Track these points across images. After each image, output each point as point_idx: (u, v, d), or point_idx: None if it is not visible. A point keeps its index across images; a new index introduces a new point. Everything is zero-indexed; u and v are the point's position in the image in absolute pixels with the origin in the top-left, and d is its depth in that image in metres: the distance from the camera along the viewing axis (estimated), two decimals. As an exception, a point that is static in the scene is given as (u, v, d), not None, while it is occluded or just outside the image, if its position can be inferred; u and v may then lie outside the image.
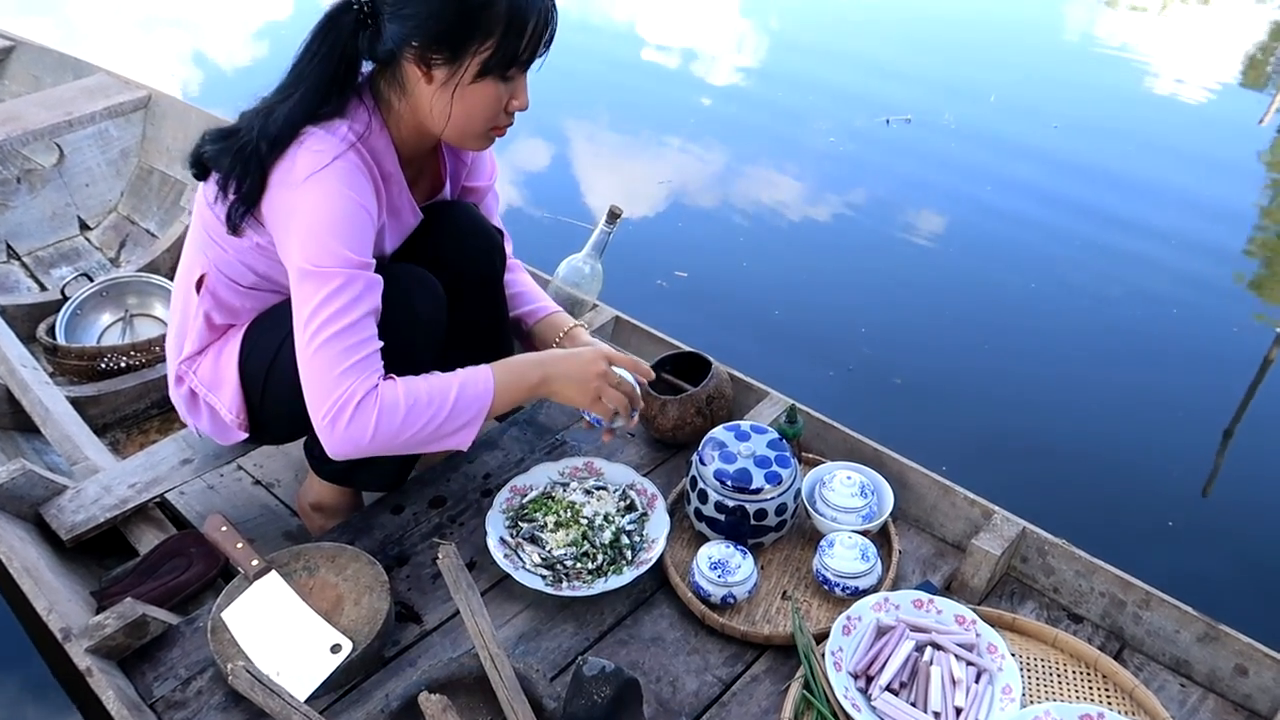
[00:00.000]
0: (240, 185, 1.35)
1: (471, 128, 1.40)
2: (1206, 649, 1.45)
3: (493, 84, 1.35)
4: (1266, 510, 2.25)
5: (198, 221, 1.49)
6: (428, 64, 1.33)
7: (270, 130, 1.31)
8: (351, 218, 1.32)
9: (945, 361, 2.76)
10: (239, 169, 1.34)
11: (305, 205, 1.31)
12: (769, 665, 1.47)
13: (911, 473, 1.72)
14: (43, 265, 2.82)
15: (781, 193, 3.80)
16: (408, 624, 1.52)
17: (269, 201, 1.34)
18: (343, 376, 1.30)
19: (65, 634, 1.41)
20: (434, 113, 1.38)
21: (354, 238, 1.32)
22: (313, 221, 1.30)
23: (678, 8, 6.49)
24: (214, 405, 1.57)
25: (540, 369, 1.45)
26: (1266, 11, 6.79)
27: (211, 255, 1.48)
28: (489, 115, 1.39)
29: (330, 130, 1.33)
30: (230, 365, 1.53)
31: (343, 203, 1.31)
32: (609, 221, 2.01)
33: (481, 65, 1.32)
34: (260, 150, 1.31)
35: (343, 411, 1.30)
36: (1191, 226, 3.55)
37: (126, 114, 3.01)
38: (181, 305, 1.58)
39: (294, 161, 1.31)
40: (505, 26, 1.30)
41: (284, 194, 1.32)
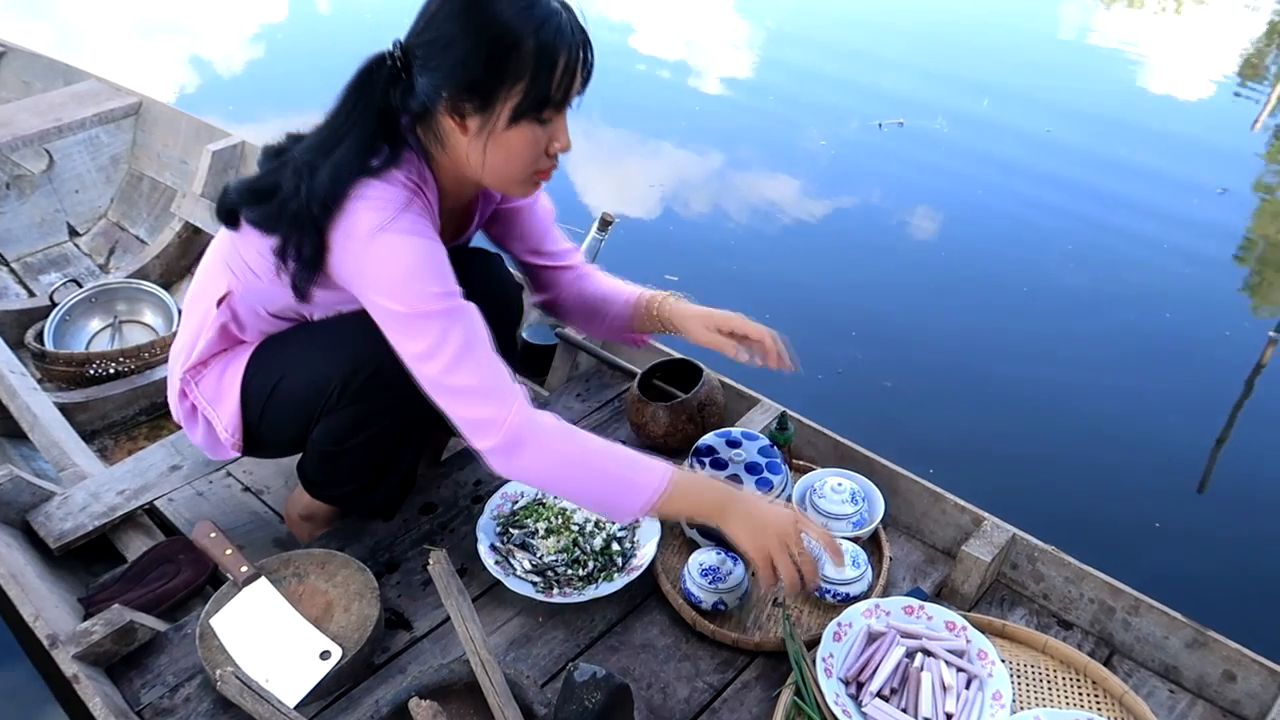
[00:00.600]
0: (300, 252, 1.31)
1: (512, 174, 1.37)
2: (1195, 655, 1.46)
3: (528, 128, 1.31)
4: (1255, 517, 2.26)
5: (233, 247, 1.45)
6: (461, 114, 1.30)
7: (319, 191, 1.27)
8: (430, 255, 1.30)
9: (936, 366, 2.78)
10: (295, 235, 1.31)
11: (378, 259, 1.28)
12: (760, 672, 1.47)
13: (902, 479, 1.72)
14: (31, 271, 2.81)
15: (772, 197, 3.82)
16: (398, 631, 1.51)
17: (337, 261, 1.31)
18: (501, 404, 1.29)
19: (52, 640, 1.40)
20: (473, 162, 1.35)
21: (439, 274, 1.31)
22: (393, 272, 1.28)
23: (669, 11, 6.52)
24: (211, 421, 1.55)
25: (727, 499, 1.33)
26: (1260, 14, 6.86)
27: (244, 279, 1.44)
28: (529, 160, 1.35)
29: (387, 182, 1.30)
30: (233, 383, 1.51)
31: (418, 244, 1.29)
32: (601, 229, 2.02)
33: (514, 110, 1.29)
34: (313, 213, 1.28)
35: (518, 438, 1.28)
36: (1184, 231, 3.58)
37: (117, 120, 3.00)
38: (196, 317, 1.53)
39: (355, 218, 1.27)
40: (534, 69, 1.26)
41: (352, 251, 1.29)
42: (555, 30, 1.27)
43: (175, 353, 1.60)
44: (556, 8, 1.29)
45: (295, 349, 1.49)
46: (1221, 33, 6.49)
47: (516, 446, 1.29)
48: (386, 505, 1.71)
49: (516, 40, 1.25)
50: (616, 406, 2.01)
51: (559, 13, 1.28)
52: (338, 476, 1.59)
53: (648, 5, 6.59)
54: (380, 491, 1.66)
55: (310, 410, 1.49)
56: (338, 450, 1.53)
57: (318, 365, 1.46)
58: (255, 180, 1.37)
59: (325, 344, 1.47)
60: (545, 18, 1.26)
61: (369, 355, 1.42)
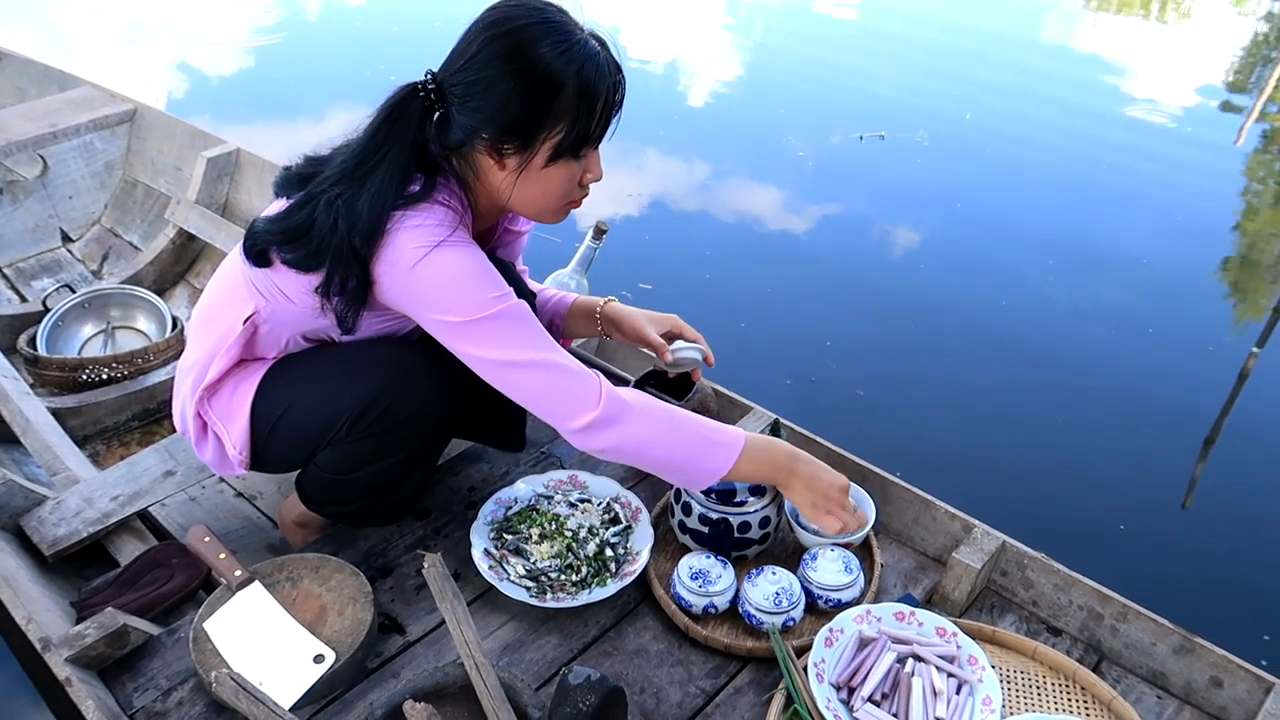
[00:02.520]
0: (345, 287, 1.32)
1: (548, 205, 1.40)
2: (1182, 661, 1.47)
3: (565, 165, 1.34)
4: (1241, 524, 2.29)
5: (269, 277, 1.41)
6: (500, 153, 1.32)
7: (359, 225, 1.28)
8: (480, 264, 1.33)
9: (920, 377, 2.80)
10: (339, 271, 1.31)
11: (431, 280, 1.29)
12: (752, 677, 1.48)
13: (893, 487, 1.73)
14: (24, 277, 2.81)
15: (750, 207, 3.85)
16: (391, 635, 1.51)
17: (383, 292, 1.32)
18: (584, 386, 1.33)
19: (45, 644, 1.40)
20: (506, 194, 1.38)
21: (493, 279, 1.33)
22: (449, 287, 1.29)
23: (651, 20, 6.56)
24: (221, 437, 1.54)
25: (789, 466, 1.47)
26: (1245, 29, 6.93)
27: (273, 301, 1.42)
28: (564, 193, 1.39)
29: (428, 213, 1.30)
30: (244, 402, 1.50)
31: (465, 257, 1.31)
32: (595, 237, 2.03)
33: (554, 150, 1.31)
34: (355, 246, 1.28)
35: (612, 412, 1.34)
36: (1166, 245, 3.62)
37: (111, 127, 3.01)
38: (212, 332, 1.51)
39: (400, 248, 1.28)
40: (576, 112, 1.29)
41: (401, 278, 1.30)
42: (595, 71, 1.29)
43: (185, 368, 1.58)
44: (595, 49, 1.30)
45: (311, 374, 1.49)
46: (1206, 45, 6.56)
47: (614, 419, 1.34)
48: (384, 523, 1.72)
49: (558, 85, 1.27)
50: (610, 414, 2.01)
51: (597, 53, 1.30)
52: (338, 499, 1.59)
53: (631, 13, 6.63)
54: (379, 514, 1.67)
55: (318, 438, 1.49)
56: (341, 479, 1.53)
57: (331, 395, 1.46)
58: (286, 218, 1.35)
59: (342, 374, 1.47)
60: (585, 59, 1.28)
61: (384, 392, 1.43)
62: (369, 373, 1.45)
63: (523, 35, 1.27)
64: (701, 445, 1.40)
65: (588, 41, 1.30)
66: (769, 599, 1.49)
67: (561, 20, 1.30)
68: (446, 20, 1.45)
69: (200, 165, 2.75)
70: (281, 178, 1.42)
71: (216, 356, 1.49)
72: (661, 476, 1.46)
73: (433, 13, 6.00)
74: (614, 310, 1.72)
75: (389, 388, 1.44)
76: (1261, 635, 1.93)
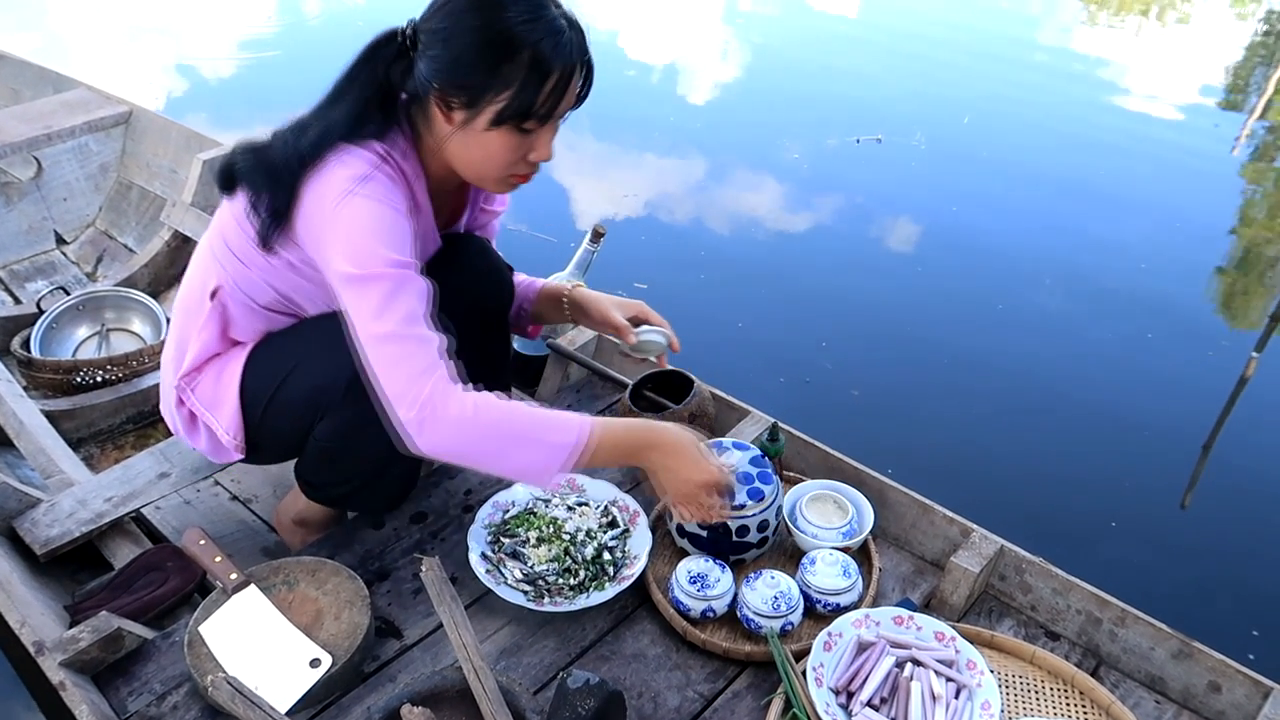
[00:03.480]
0: (273, 201, 1.34)
1: (488, 172, 1.40)
2: (1181, 666, 1.47)
3: (508, 133, 1.33)
4: (1239, 529, 2.29)
5: (219, 235, 1.47)
6: (448, 106, 1.33)
7: (303, 147, 1.31)
8: (392, 224, 1.31)
9: (913, 380, 2.80)
10: (271, 185, 1.33)
11: (344, 218, 1.29)
12: (751, 681, 1.47)
13: (891, 491, 1.73)
14: (18, 279, 2.79)
15: (745, 209, 3.84)
16: (388, 639, 1.51)
17: (304, 218, 1.33)
18: (421, 376, 1.28)
19: (38, 648, 1.39)
20: (451, 153, 1.38)
21: (397, 242, 1.31)
22: (353, 231, 1.29)
23: (650, 21, 6.57)
24: (212, 426, 1.54)
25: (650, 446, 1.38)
26: (1243, 33, 6.96)
27: (231, 269, 1.45)
28: (504, 163, 1.38)
29: (366, 149, 1.32)
30: (231, 386, 1.50)
31: (381, 211, 1.31)
32: (593, 240, 2.03)
33: (496, 115, 1.31)
34: (293, 167, 1.31)
35: (428, 414, 1.27)
36: (1164, 250, 3.62)
37: (107, 129, 3.00)
38: (186, 316, 1.54)
39: (329, 178, 1.30)
40: (523, 81, 1.29)
41: (320, 210, 1.31)
42: (554, 47, 1.29)
43: (166, 361, 1.59)
44: (563, 25, 1.30)
45: (299, 346, 1.49)
46: (1204, 48, 6.59)
47: (428, 420, 1.27)
48: (383, 504, 1.70)
49: (514, 48, 1.27)
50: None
51: (564, 30, 1.30)
52: (340, 475, 1.58)
53: (630, 15, 6.64)
54: (381, 491, 1.65)
55: (314, 408, 1.49)
56: (341, 447, 1.52)
57: (322, 363, 1.46)
58: (255, 141, 1.40)
59: (332, 341, 1.45)
60: (547, 33, 1.28)
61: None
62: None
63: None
64: (533, 449, 1.31)
65: (558, 18, 1.30)
66: (767, 603, 1.49)
67: None
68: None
69: (196, 168, 2.74)
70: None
71: (191, 340, 1.51)
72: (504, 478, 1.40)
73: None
74: (581, 295, 1.73)
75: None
76: (1260, 640, 1.93)
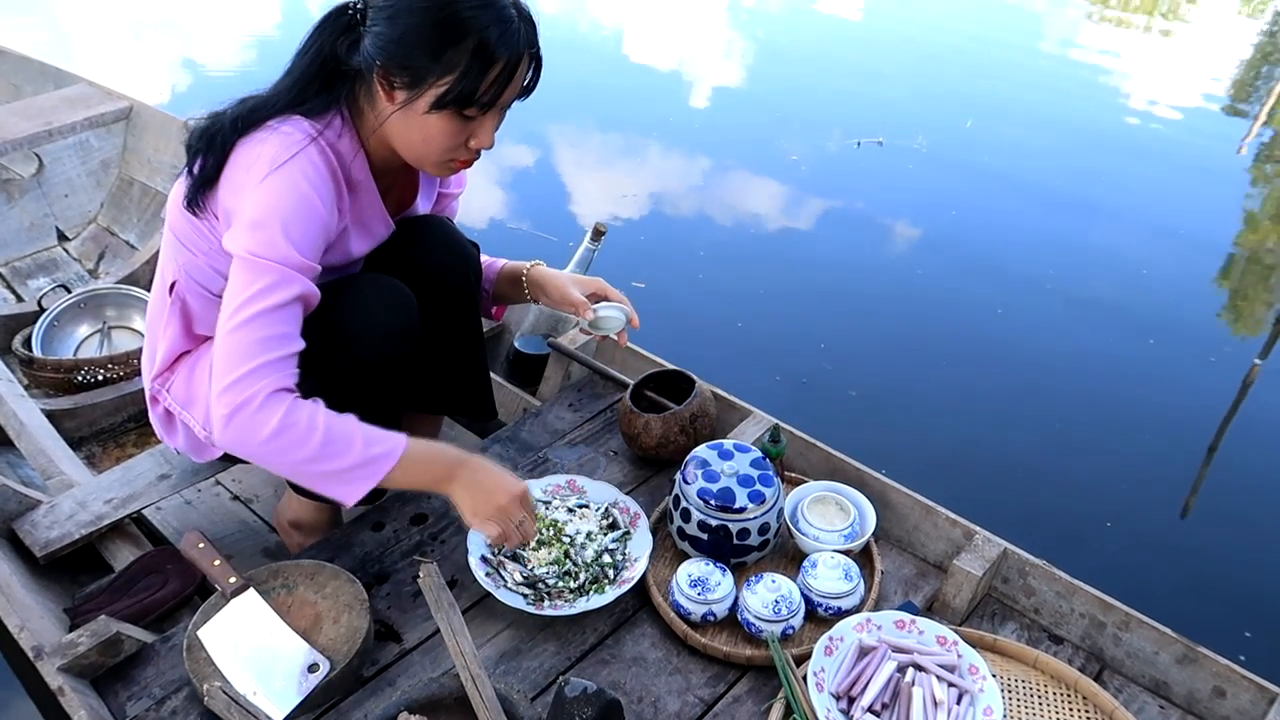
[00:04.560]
0: (204, 164, 1.35)
1: (427, 155, 1.39)
2: (1185, 671, 1.46)
3: (449, 118, 1.32)
4: (1244, 533, 2.27)
5: (168, 226, 1.48)
6: (390, 84, 1.32)
7: (241, 115, 1.33)
8: (303, 215, 1.30)
9: (916, 382, 2.78)
10: (205, 149, 1.35)
11: (263, 192, 1.28)
12: (751, 686, 1.47)
13: (894, 493, 1.72)
14: (20, 276, 2.79)
15: (744, 210, 3.82)
16: (387, 643, 1.50)
17: (227, 182, 1.33)
18: (256, 372, 1.25)
19: (37, 652, 1.38)
20: (390, 131, 1.38)
21: (302, 237, 1.29)
22: (263, 212, 1.28)
23: (650, 21, 6.53)
24: (189, 423, 1.54)
25: (453, 470, 1.38)
26: (1248, 35, 6.90)
27: (181, 260, 1.47)
28: (444, 147, 1.37)
29: (296, 125, 1.33)
30: (203, 381, 1.50)
31: (296, 199, 1.29)
32: (593, 239, 2.02)
33: (437, 99, 1.30)
34: (225, 132, 1.33)
35: (246, 406, 1.24)
36: (1167, 254, 3.59)
37: (108, 125, 2.99)
38: (153, 315, 1.57)
39: (258, 149, 1.30)
40: (466, 67, 1.28)
41: (243, 177, 1.31)
42: (501, 34, 1.28)
43: (144, 361, 1.61)
44: (511, 15, 1.30)
45: None
46: (1209, 52, 6.53)
47: (236, 419, 1.24)
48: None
49: (460, 34, 1.27)
50: (608, 417, 2.00)
51: (512, 20, 1.30)
52: None
53: (630, 15, 6.60)
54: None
55: None
56: None
57: None
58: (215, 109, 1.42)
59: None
60: (495, 21, 1.28)
61: (340, 343, 1.43)
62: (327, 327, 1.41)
63: None
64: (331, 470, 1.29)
65: (507, 7, 1.30)
66: (768, 607, 1.48)
67: None
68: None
69: (197, 164, 2.73)
70: None
71: (159, 339, 1.52)
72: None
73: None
74: (539, 274, 1.72)
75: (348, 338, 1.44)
76: (1265, 645, 1.92)
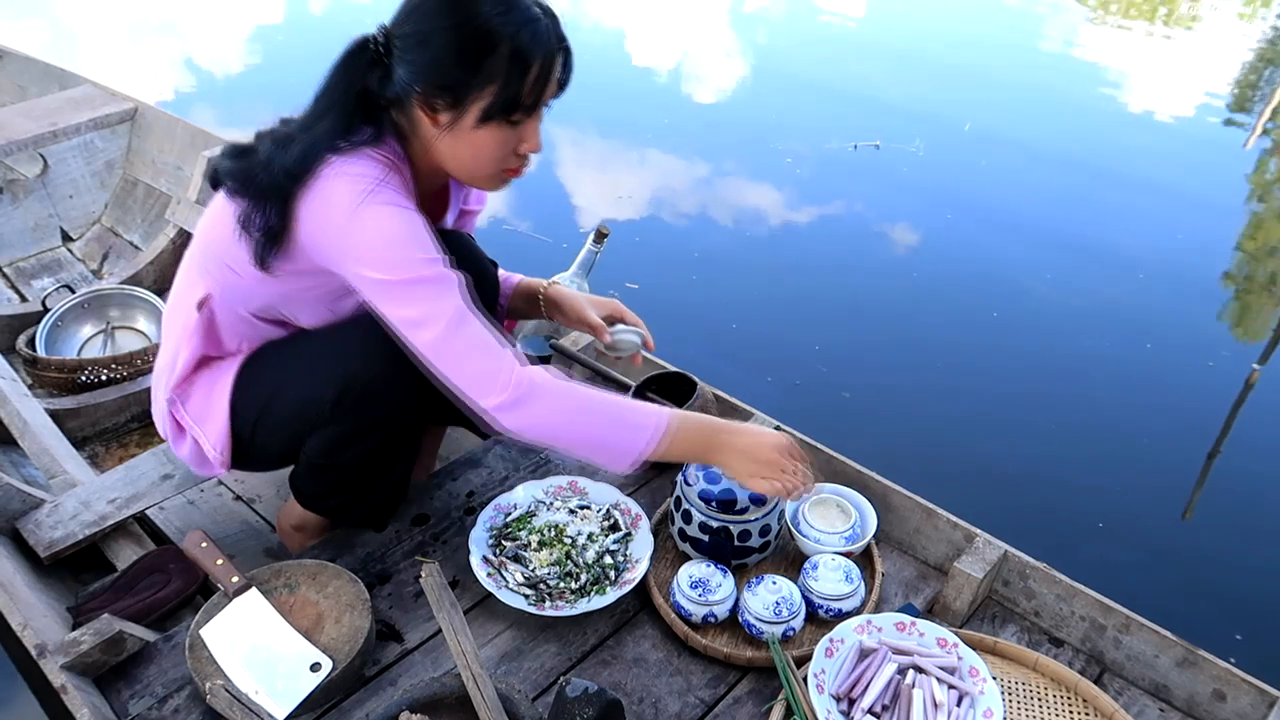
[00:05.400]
0: (265, 222, 1.32)
1: (480, 170, 1.39)
2: (1185, 674, 1.46)
3: (497, 129, 1.33)
4: (1243, 536, 2.27)
5: (206, 245, 1.46)
6: (432, 108, 1.32)
7: (289, 163, 1.29)
8: (413, 225, 1.31)
9: (916, 385, 2.79)
10: (261, 204, 1.31)
11: (364, 230, 1.28)
12: (752, 687, 1.47)
13: (895, 495, 1.72)
14: (24, 276, 2.80)
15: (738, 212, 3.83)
16: (389, 643, 1.50)
17: (310, 235, 1.31)
18: (498, 362, 1.31)
19: (40, 650, 1.39)
20: (441, 154, 1.37)
21: (424, 242, 1.31)
22: (378, 240, 1.28)
23: (649, 26, 6.53)
24: (199, 440, 1.54)
25: (717, 437, 1.41)
26: (1250, 36, 6.89)
27: (220, 278, 1.44)
28: (496, 158, 1.37)
29: (361, 158, 1.31)
30: (221, 400, 1.50)
31: (400, 214, 1.30)
32: (596, 241, 2.02)
33: (483, 111, 1.30)
34: (280, 183, 1.29)
35: (526, 392, 1.30)
36: (1166, 258, 3.59)
37: (112, 126, 3.00)
38: (175, 326, 1.53)
39: (332, 192, 1.28)
40: (507, 73, 1.28)
41: (331, 224, 1.29)
42: (532, 36, 1.28)
43: (159, 370, 1.58)
44: (537, 14, 1.30)
45: (287, 362, 1.49)
46: (1210, 54, 6.53)
47: (523, 399, 1.31)
48: (377, 515, 1.71)
49: (492, 43, 1.27)
50: (610, 419, 2.00)
51: (539, 19, 1.29)
52: (330, 488, 1.59)
53: (628, 17, 6.60)
54: (372, 503, 1.66)
55: (303, 425, 1.49)
56: (330, 464, 1.53)
57: (311, 380, 1.46)
58: (241, 144, 1.40)
59: (318, 357, 1.47)
60: (524, 23, 1.27)
61: (363, 369, 1.43)
62: (344, 353, 1.44)
63: None
64: (618, 430, 1.36)
65: (530, 7, 1.29)
66: (769, 608, 1.48)
67: None
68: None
69: (201, 164, 2.74)
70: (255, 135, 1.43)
71: (180, 351, 1.50)
72: (580, 458, 1.44)
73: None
74: (556, 293, 1.73)
75: (366, 365, 1.44)
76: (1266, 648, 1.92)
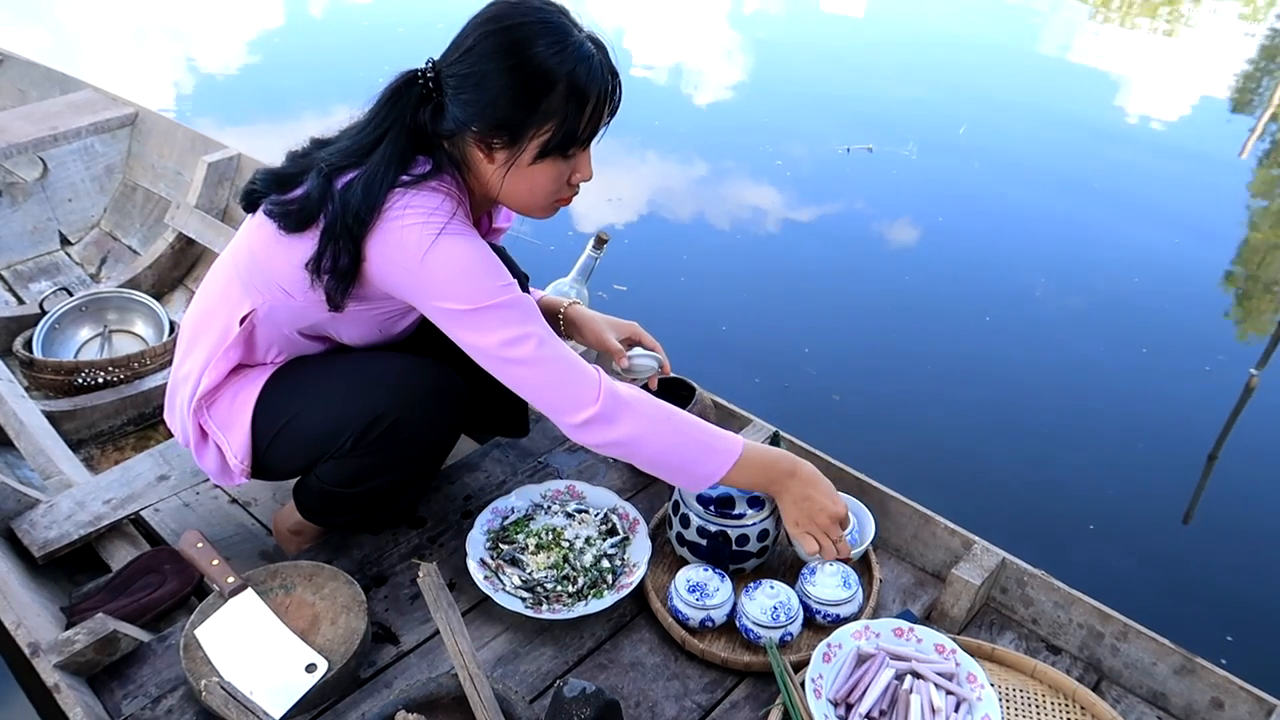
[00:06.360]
0: (335, 264, 1.31)
1: (536, 202, 1.40)
2: (1183, 682, 1.46)
3: (552, 163, 1.34)
4: (1241, 546, 2.27)
5: (254, 261, 1.42)
6: (489, 146, 1.32)
7: (353, 201, 1.28)
8: (484, 254, 1.33)
9: (915, 391, 2.79)
10: (331, 247, 1.30)
11: (438, 263, 1.28)
12: (749, 692, 1.46)
13: (893, 501, 1.72)
14: (21, 279, 2.80)
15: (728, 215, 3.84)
16: (384, 645, 1.50)
17: (380, 271, 1.31)
18: (585, 381, 1.34)
19: (33, 649, 1.38)
20: (495, 187, 1.38)
21: (498, 268, 1.33)
22: (454, 272, 1.29)
23: (645, 29, 6.55)
24: (223, 447, 1.52)
25: (792, 474, 1.47)
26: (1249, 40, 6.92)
27: (269, 297, 1.41)
28: (550, 191, 1.38)
29: (427, 193, 1.31)
30: (245, 410, 1.49)
31: (470, 245, 1.32)
32: (596, 247, 2.02)
33: (540, 148, 1.31)
34: (349, 223, 1.28)
35: (613, 408, 1.34)
36: (1162, 262, 3.60)
37: (112, 130, 3.00)
38: (208, 338, 1.50)
39: (401, 228, 1.28)
40: (564, 112, 1.29)
41: (403, 260, 1.29)
42: (587, 73, 1.29)
43: (183, 377, 1.55)
44: (590, 50, 1.30)
45: (315, 385, 1.48)
46: (1209, 58, 6.56)
47: (614, 415, 1.34)
48: (380, 530, 1.71)
49: (550, 84, 1.27)
50: (608, 424, 2.00)
51: (592, 55, 1.30)
52: (336, 511, 1.59)
53: (626, 19, 6.63)
54: (376, 523, 1.68)
55: (320, 450, 1.49)
56: (342, 493, 1.53)
57: (335, 409, 1.46)
58: (281, 169, 1.39)
59: (347, 386, 1.46)
60: (579, 60, 1.28)
61: (389, 409, 1.43)
62: (374, 388, 1.45)
63: (519, 33, 1.27)
64: (697, 449, 1.41)
65: (584, 43, 1.30)
66: (767, 613, 1.48)
67: (560, 21, 1.30)
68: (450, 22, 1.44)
69: (201, 170, 2.75)
70: (287, 157, 1.42)
71: (213, 361, 1.47)
72: (656, 475, 1.46)
73: (439, 13, 5.98)
74: (576, 313, 1.73)
75: (394, 404, 1.44)
76: (1263, 656, 1.91)
